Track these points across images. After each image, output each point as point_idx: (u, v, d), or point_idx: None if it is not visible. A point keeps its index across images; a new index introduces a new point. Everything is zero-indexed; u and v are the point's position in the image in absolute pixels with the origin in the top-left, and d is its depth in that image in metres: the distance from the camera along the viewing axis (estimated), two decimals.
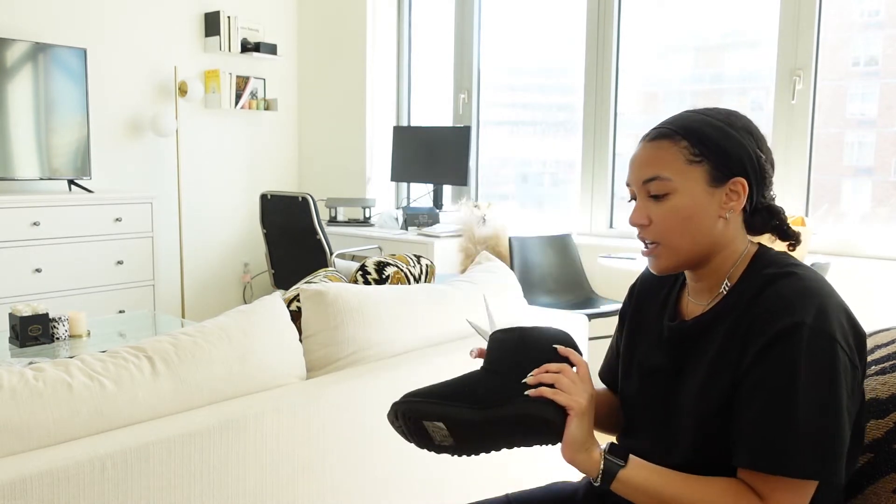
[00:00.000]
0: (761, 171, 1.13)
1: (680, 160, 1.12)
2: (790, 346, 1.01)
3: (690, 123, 1.14)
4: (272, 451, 1.50)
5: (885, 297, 3.10)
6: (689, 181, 1.11)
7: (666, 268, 1.16)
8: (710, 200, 1.12)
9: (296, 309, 1.87)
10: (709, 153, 1.11)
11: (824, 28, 3.32)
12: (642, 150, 1.16)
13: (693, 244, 1.13)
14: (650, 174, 1.13)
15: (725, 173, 1.11)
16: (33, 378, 1.29)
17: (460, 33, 4.60)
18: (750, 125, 1.16)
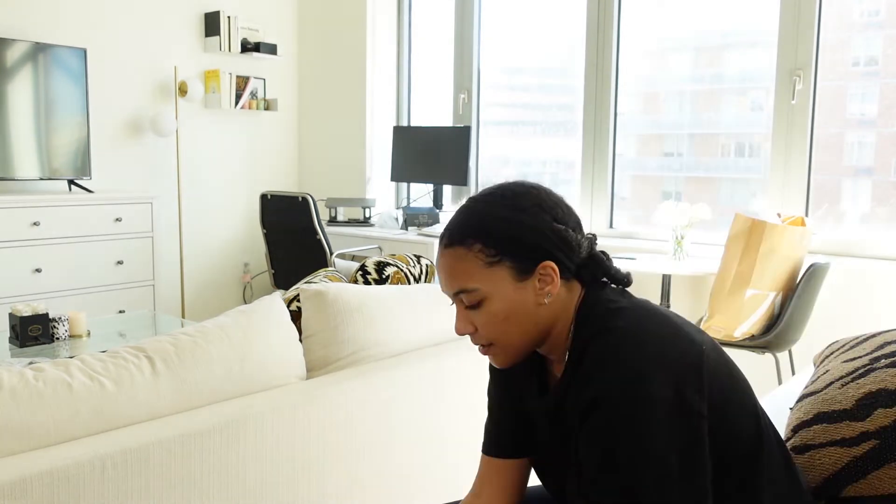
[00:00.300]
0: (564, 242, 1.08)
1: (479, 266, 1.07)
2: (597, 418, 0.98)
3: (478, 222, 1.08)
4: (272, 451, 1.50)
5: (885, 297, 3.10)
6: (496, 283, 1.07)
7: (507, 363, 1.14)
8: (523, 294, 1.08)
9: (296, 309, 1.87)
10: (505, 250, 1.06)
11: (824, 28, 3.32)
12: (442, 259, 1.11)
13: (524, 336, 1.10)
14: (456, 287, 1.09)
15: (530, 263, 1.07)
16: (33, 378, 1.29)
17: (460, 33, 4.60)
18: (540, 198, 1.10)
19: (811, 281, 2.91)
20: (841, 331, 3.22)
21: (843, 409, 1.26)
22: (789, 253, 2.86)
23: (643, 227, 3.92)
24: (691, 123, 3.78)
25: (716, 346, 1.08)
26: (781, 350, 2.98)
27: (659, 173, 3.91)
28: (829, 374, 1.38)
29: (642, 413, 0.95)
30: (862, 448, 1.20)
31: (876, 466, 1.19)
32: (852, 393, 1.27)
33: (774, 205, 3.46)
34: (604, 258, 1.14)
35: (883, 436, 1.19)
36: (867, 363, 1.31)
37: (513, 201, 1.09)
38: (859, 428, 1.22)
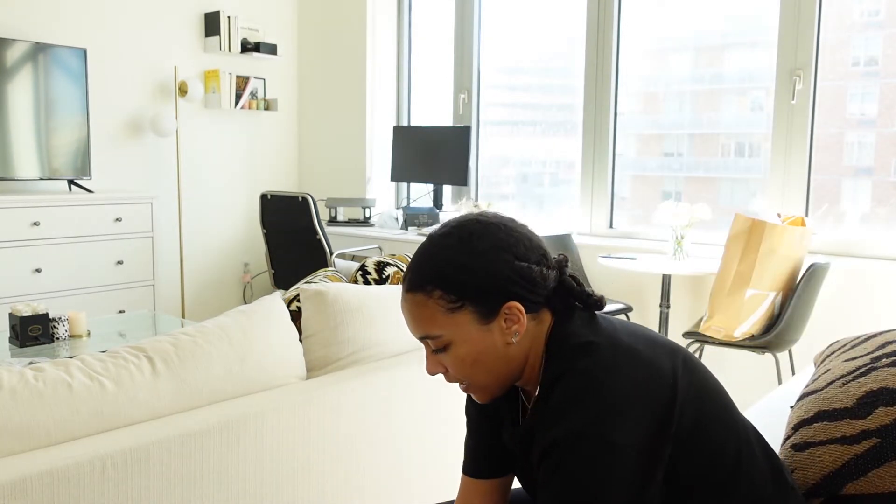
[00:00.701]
0: (527, 280, 1.05)
1: (440, 312, 1.05)
2: (551, 464, 0.97)
3: (437, 268, 1.05)
4: (272, 451, 1.50)
5: (885, 297, 3.10)
6: (460, 329, 1.05)
7: (487, 400, 1.12)
8: (490, 336, 1.05)
9: (296, 309, 1.87)
10: (466, 296, 1.03)
11: (824, 28, 3.32)
12: (404, 303, 1.09)
13: (497, 376, 1.08)
14: (421, 333, 1.07)
15: (493, 306, 1.04)
16: (33, 378, 1.29)
17: (460, 33, 4.60)
18: (498, 238, 1.06)
19: (811, 281, 2.91)
20: (841, 331, 3.22)
21: (844, 408, 1.26)
22: (789, 253, 2.86)
23: (643, 227, 3.92)
24: (691, 123, 3.78)
25: (690, 366, 1.06)
26: (781, 350, 2.98)
27: (659, 173, 3.91)
28: (830, 373, 1.38)
29: (594, 463, 0.94)
30: (863, 446, 1.21)
31: (876, 464, 1.19)
32: (853, 391, 1.27)
33: (774, 205, 3.46)
34: (574, 284, 1.10)
35: (884, 434, 1.19)
36: (868, 362, 1.31)
37: (469, 244, 1.05)
38: (860, 426, 1.22)
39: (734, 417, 1.09)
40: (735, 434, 1.07)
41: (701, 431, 1.02)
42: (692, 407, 1.02)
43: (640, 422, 0.97)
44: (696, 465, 1.02)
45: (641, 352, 1.03)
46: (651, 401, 0.98)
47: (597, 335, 1.05)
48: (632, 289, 3.77)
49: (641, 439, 0.96)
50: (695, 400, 1.03)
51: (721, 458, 1.04)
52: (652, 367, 1.01)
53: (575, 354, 1.03)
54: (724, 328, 2.92)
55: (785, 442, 1.35)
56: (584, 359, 1.01)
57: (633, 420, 0.96)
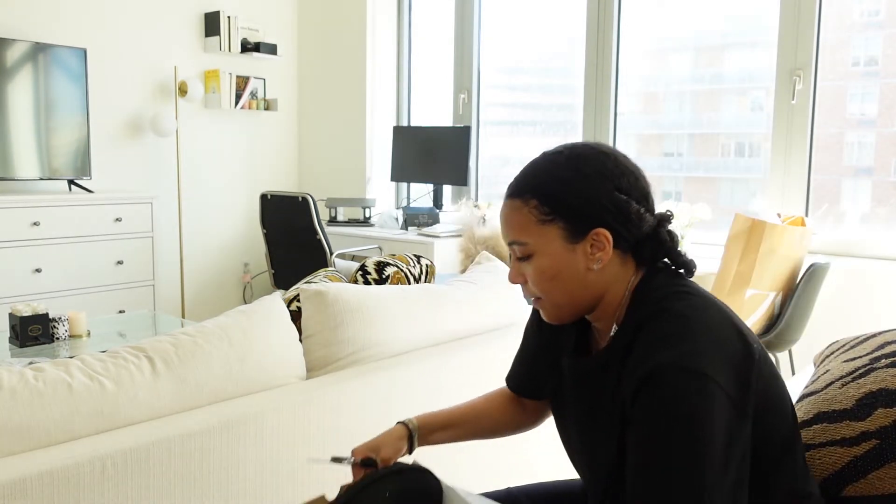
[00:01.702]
0: (622, 213, 1.07)
1: (532, 221, 1.08)
2: (653, 392, 0.97)
3: (538, 180, 1.09)
4: (272, 451, 1.50)
5: (885, 297, 3.10)
6: (547, 241, 1.08)
7: (554, 320, 1.14)
8: (572, 256, 1.07)
9: (296, 309, 1.87)
10: (559, 211, 1.07)
11: (824, 28, 3.32)
12: (503, 209, 1.14)
13: (572, 298, 1.10)
14: (510, 238, 1.12)
15: (582, 227, 1.07)
16: (33, 378, 1.29)
17: (460, 33, 4.60)
18: (604, 166, 1.08)
19: (811, 281, 2.91)
20: (841, 331, 3.22)
21: (843, 409, 1.26)
22: (789, 253, 2.86)
23: None
24: (691, 123, 3.78)
25: (763, 349, 1.08)
26: (781, 350, 2.98)
27: (659, 173, 3.91)
28: (829, 374, 1.38)
29: (697, 398, 0.94)
30: (862, 448, 1.20)
31: (876, 466, 1.19)
32: (853, 393, 1.27)
33: (774, 205, 3.46)
34: (668, 239, 1.11)
35: (883, 435, 1.19)
36: (867, 363, 1.31)
37: (575, 164, 1.08)
38: (860, 428, 1.22)
39: (792, 407, 1.11)
40: (791, 423, 1.09)
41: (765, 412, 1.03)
42: (763, 385, 1.03)
43: (731, 375, 0.97)
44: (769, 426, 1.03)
45: (730, 315, 1.05)
46: (739, 361, 0.99)
47: (692, 290, 1.07)
48: None
49: (732, 391, 0.96)
50: (767, 378, 1.05)
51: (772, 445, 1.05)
52: (740, 332, 1.03)
53: (671, 298, 1.05)
54: None
55: None
56: (679, 303, 1.03)
57: (727, 371, 0.97)
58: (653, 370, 0.97)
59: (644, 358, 0.99)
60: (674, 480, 0.93)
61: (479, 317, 2.08)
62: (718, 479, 0.94)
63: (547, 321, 1.16)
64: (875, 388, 1.24)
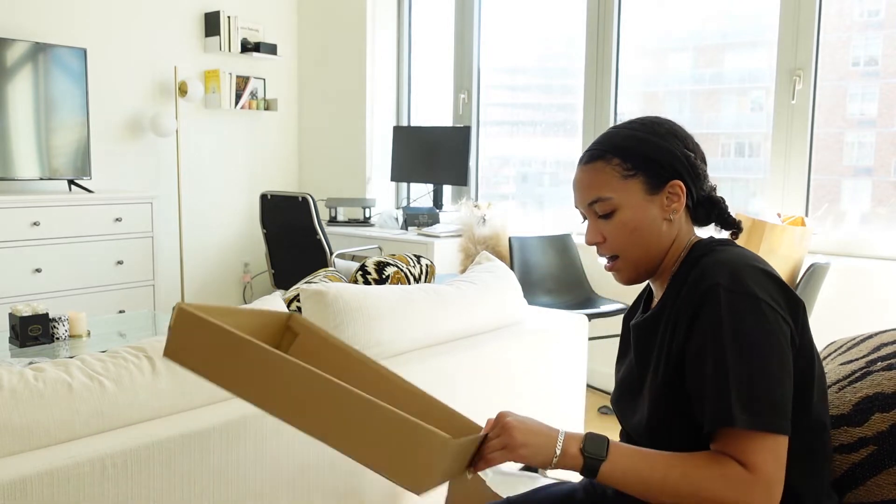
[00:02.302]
0: (693, 168, 1.21)
1: (615, 177, 1.19)
2: (711, 308, 1.07)
3: (618, 141, 1.21)
4: (272, 452, 1.50)
5: (885, 297, 3.10)
6: (629, 195, 1.19)
7: (629, 279, 1.24)
8: (652, 207, 1.20)
9: (296, 309, 1.87)
10: (640, 165, 1.19)
11: (824, 28, 3.32)
12: (580, 173, 1.23)
13: (648, 251, 1.21)
14: (592, 196, 1.21)
15: (660, 180, 1.19)
16: (33, 378, 1.29)
17: (460, 33, 4.60)
18: (674, 128, 1.23)
19: (811, 281, 2.91)
20: (841, 331, 3.22)
21: (840, 415, 1.26)
22: (789, 253, 2.86)
23: None
24: (691, 123, 3.78)
25: None
26: None
27: None
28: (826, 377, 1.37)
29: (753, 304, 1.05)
30: (860, 454, 1.20)
31: (874, 472, 1.18)
32: (849, 397, 1.26)
33: (774, 205, 3.46)
34: (722, 201, 1.25)
35: (880, 441, 1.18)
36: (864, 366, 1.31)
37: (651, 127, 1.21)
38: (857, 434, 1.21)
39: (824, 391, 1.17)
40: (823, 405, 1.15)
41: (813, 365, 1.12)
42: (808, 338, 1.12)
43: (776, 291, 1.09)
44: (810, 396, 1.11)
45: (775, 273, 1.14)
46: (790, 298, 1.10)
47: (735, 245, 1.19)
48: (632, 289, 3.77)
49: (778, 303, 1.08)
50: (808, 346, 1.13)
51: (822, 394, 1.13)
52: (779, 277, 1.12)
53: (716, 245, 1.18)
54: None
55: None
56: (722, 247, 1.17)
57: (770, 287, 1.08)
58: (707, 290, 1.08)
59: (697, 283, 1.11)
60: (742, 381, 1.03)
61: (479, 317, 2.08)
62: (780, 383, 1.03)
63: (622, 283, 1.25)
64: (871, 392, 1.24)
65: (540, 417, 2.18)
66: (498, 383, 2.04)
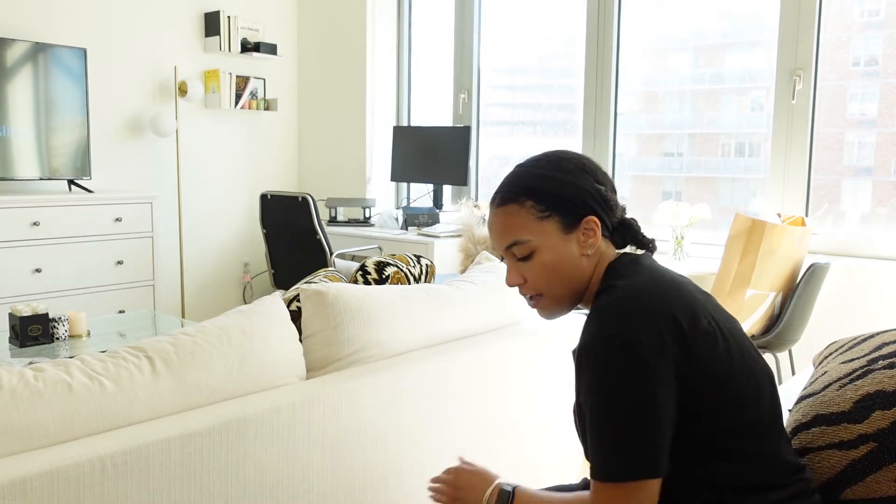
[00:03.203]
0: (605, 201, 1.22)
1: (531, 220, 1.21)
2: (586, 361, 1.09)
3: (529, 182, 1.22)
4: (272, 451, 1.50)
5: (885, 297, 3.10)
6: (546, 235, 1.21)
7: (552, 314, 1.26)
8: (569, 245, 1.21)
9: (296, 309, 1.87)
10: (554, 205, 1.20)
11: (824, 28, 3.32)
12: (494, 217, 1.25)
13: (569, 287, 1.23)
14: (510, 240, 1.22)
15: (575, 217, 1.21)
16: (33, 378, 1.29)
17: (460, 33, 4.60)
18: (583, 162, 1.24)
19: (811, 281, 2.91)
20: (841, 331, 3.22)
21: (840, 412, 1.26)
22: (789, 253, 2.86)
23: (643, 226, 3.91)
24: (691, 123, 3.78)
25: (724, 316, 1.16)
26: (781, 350, 2.98)
27: (659, 173, 3.91)
28: (827, 376, 1.38)
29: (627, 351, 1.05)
30: (860, 451, 1.20)
31: (874, 469, 1.18)
32: (850, 395, 1.27)
33: (774, 205, 3.46)
34: (634, 223, 1.27)
35: (881, 438, 1.19)
36: (865, 364, 1.31)
37: (559, 164, 1.23)
38: (857, 430, 1.22)
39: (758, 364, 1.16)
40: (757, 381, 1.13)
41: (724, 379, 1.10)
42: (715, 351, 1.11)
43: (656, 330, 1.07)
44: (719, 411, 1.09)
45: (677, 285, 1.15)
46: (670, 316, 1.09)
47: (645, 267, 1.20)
48: None
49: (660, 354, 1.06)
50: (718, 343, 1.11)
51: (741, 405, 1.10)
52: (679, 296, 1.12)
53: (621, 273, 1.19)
54: None
55: None
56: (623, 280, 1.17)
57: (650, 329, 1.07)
58: (585, 343, 1.11)
59: (582, 333, 1.14)
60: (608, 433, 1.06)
61: (480, 317, 2.08)
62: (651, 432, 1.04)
63: (546, 318, 1.27)
64: (872, 389, 1.24)
65: (539, 417, 2.18)
66: (498, 383, 2.04)
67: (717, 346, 1.10)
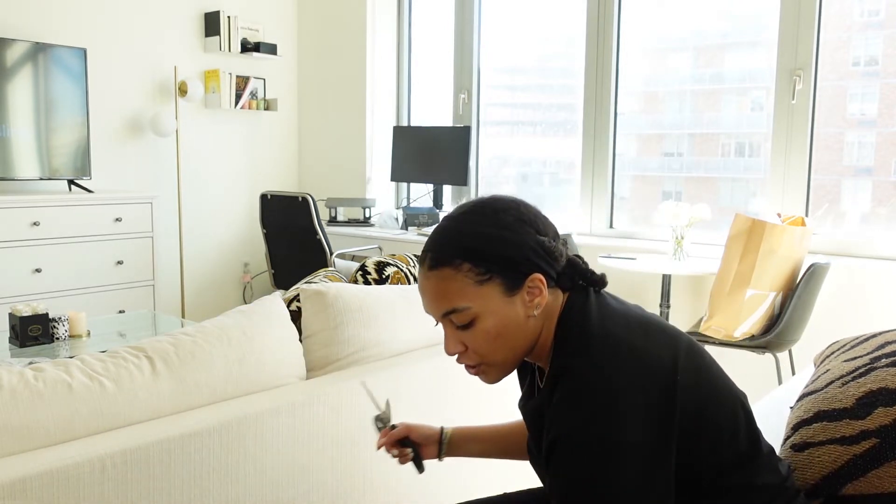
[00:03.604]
0: (549, 253, 1.09)
1: (469, 285, 1.06)
2: (557, 456, 1.00)
3: (464, 242, 1.07)
4: (272, 451, 1.50)
5: (885, 297, 3.10)
6: (487, 301, 1.07)
7: (497, 380, 1.14)
8: (513, 307, 1.08)
9: (296, 309, 1.87)
10: (494, 266, 1.06)
11: (824, 28, 3.32)
12: (426, 280, 1.10)
13: (515, 350, 1.11)
14: (446, 307, 1.08)
15: (518, 278, 1.07)
16: (33, 378, 1.29)
17: (460, 33, 4.60)
18: (521, 212, 1.09)
19: (811, 281, 2.91)
20: (841, 331, 3.22)
21: (843, 408, 1.26)
22: (789, 253, 2.86)
23: (643, 227, 3.92)
24: (691, 123, 3.78)
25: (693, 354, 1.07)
26: (781, 350, 2.98)
27: (659, 173, 3.91)
28: (829, 374, 1.38)
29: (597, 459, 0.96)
30: (862, 446, 1.20)
31: (876, 465, 1.19)
32: (853, 392, 1.27)
33: (774, 205, 3.46)
34: (580, 262, 1.14)
35: (883, 434, 1.19)
36: (868, 362, 1.31)
37: (495, 218, 1.08)
38: (859, 426, 1.22)
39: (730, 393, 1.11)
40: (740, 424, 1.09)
41: (703, 419, 1.04)
42: (694, 395, 1.03)
43: (639, 416, 0.98)
44: (703, 450, 1.04)
45: (643, 342, 1.04)
46: (649, 394, 0.99)
47: (597, 326, 1.07)
48: (632, 289, 3.77)
49: (643, 432, 0.97)
50: (700, 394, 1.04)
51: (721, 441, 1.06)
52: (653, 359, 1.02)
53: (576, 350, 1.05)
54: (723, 328, 2.92)
55: (785, 442, 1.35)
56: (581, 357, 1.03)
57: (633, 415, 0.97)
58: (552, 442, 1.00)
59: (548, 429, 1.01)
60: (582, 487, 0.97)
61: None
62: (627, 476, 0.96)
63: (490, 384, 1.16)
64: (875, 387, 1.24)
65: None
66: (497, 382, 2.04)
67: (700, 390, 1.04)
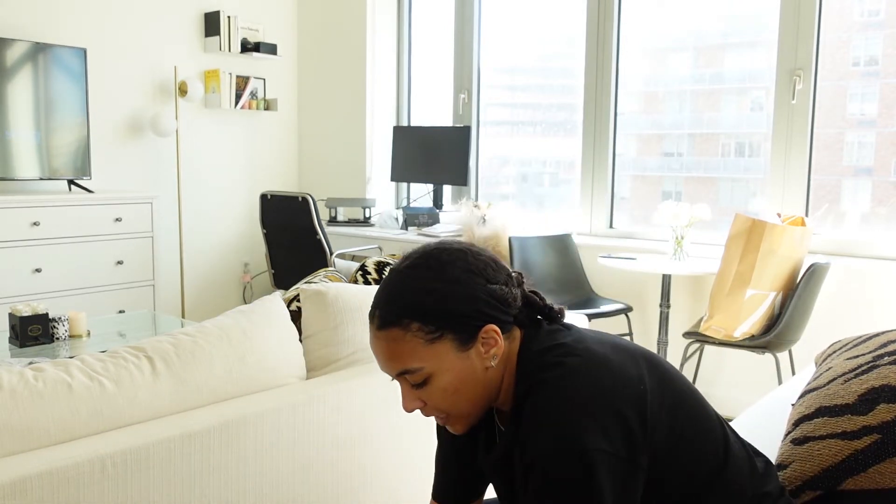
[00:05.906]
0: (502, 301, 1.06)
1: (420, 345, 1.03)
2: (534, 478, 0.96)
3: (410, 299, 1.03)
4: (272, 451, 1.50)
5: (885, 297, 3.10)
6: (440, 359, 1.03)
7: (465, 429, 1.12)
8: (469, 362, 1.05)
9: (296, 309, 1.87)
10: (444, 324, 1.02)
11: (824, 28, 3.32)
12: (376, 340, 1.06)
13: (476, 401, 1.08)
14: (399, 368, 1.05)
15: (471, 332, 1.04)
16: (33, 378, 1.29)
17: (460, 33, 4.60)
18: (468, 262, 1.06)
19: (811, 281, 2.91)
20: (841, 331, 3.22)
21: (845, 404, 1.26)
22: (789, 253, 2.86)
23: (643, 227, 3.92)
24: (691, 123, 3.78)
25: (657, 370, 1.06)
26: (781, 350, 2.98)
27: (659, 173, 3.91)
28: (831, 371, 1.38)
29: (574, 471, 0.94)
30: (863, 441, 1.21)
31: (877, 460, 1.19)
32: (855, 388, 1.27)
33: (774, 205, 3.46)
34: (536, 298, 1.11)
35: (885, 430, 1.19)
36: (870, 360, 1.31)
37: (442, 272, 1.04)
38: (861, 422, 1.22)
39: (709, 415, 1.09)
40: (713, 434, 1.07)
41: (678, 438, 1.02)
42: (665, 413, 1.02)
43: (612, 427, 0.96)
44: (679, 473, 1.02)
45: (609, 358, 1.03)
46: (621, 407, 0.98)
47: (561, 346, 1.05)
48: (632, 289, 3.77)
49: (617, 445, 0.96)
50: (667, 406, 1.03)
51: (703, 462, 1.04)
52: (620, 373, 1.01)
53: (542, 367, 1.03)
54: (724, 328, 2.92)
55: (785, 437, 1.35)
56: (550, 370, 1.01)
57: (605, 426, 0.96)
58: (529, 462, 0.97)
59: (522, 448, 0.99)
60: None
61: None
62: None
63: (457, 434, 1.13)
64: (878, 383, 1.24)
65: None
66: None
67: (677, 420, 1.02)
